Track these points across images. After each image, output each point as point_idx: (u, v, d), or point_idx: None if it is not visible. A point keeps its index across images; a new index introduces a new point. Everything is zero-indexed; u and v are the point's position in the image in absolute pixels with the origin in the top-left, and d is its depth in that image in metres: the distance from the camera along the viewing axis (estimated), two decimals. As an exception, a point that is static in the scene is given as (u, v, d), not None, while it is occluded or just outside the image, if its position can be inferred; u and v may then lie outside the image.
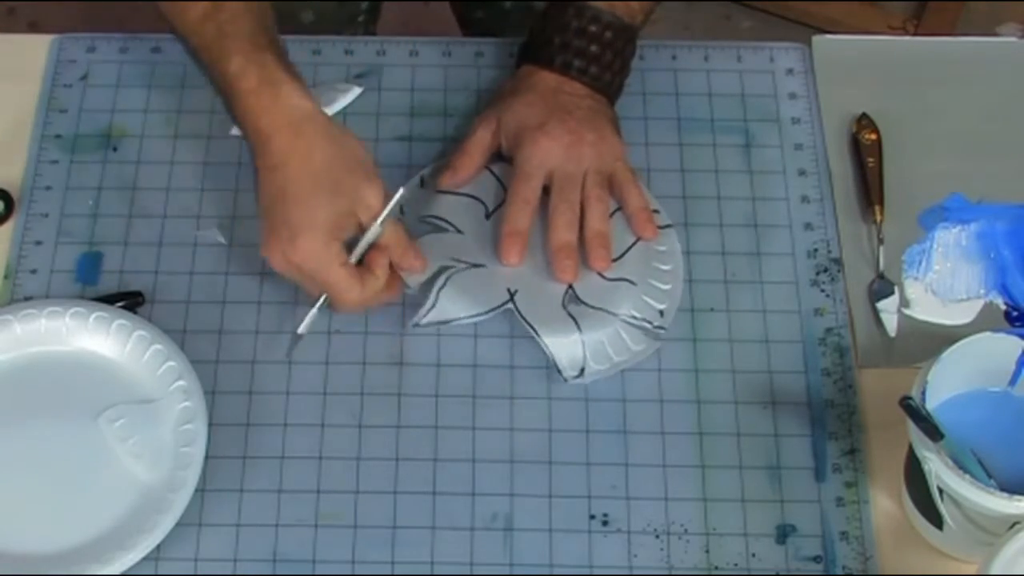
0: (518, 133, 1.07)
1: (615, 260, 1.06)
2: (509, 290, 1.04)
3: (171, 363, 1.00)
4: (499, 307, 1.03)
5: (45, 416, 1.00)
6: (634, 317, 1.04)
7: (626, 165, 1.08)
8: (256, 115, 0.98)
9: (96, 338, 1.02)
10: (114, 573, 0.93)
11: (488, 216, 1.08)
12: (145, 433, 0.98)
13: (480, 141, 1.09)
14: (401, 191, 1.01)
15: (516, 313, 1.03)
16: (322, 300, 1.01)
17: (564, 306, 1.04)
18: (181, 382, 0.99)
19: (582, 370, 1.02)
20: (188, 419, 0.98)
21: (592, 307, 1.04)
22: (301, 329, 1.01)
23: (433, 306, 1.02)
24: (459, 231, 1.07)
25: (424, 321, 1.02)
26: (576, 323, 1.03)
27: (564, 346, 1.02)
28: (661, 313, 1.05)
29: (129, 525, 0.95)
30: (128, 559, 0.93)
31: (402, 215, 1.08)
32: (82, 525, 0.95)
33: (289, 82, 0.99)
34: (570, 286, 1.04)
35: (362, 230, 1.00)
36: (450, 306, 1.03)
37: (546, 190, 1.06)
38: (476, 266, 1.05)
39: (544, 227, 1.06)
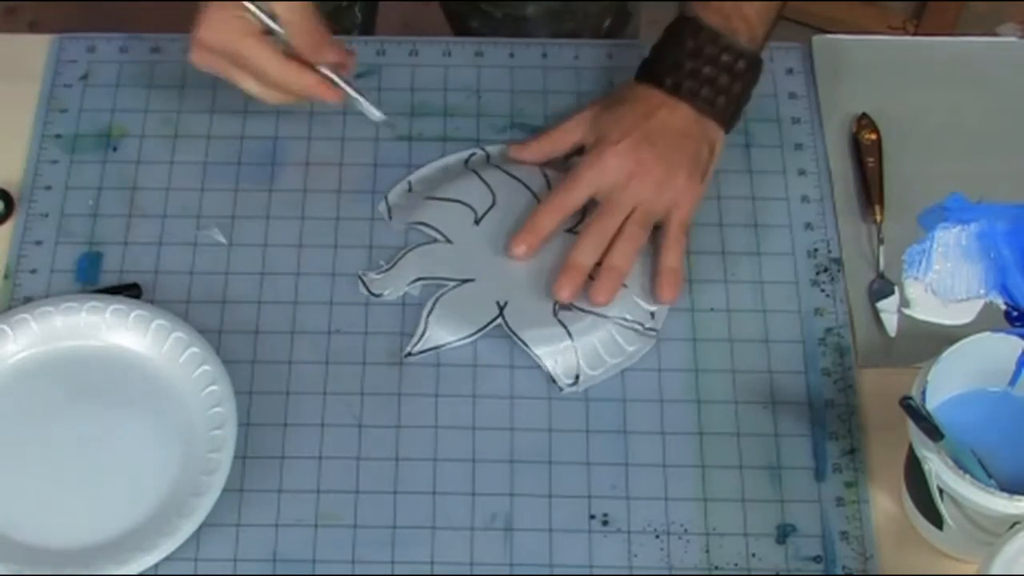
0: (597, 140, 1.05)
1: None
2: (499, 303, 1.04)
3: (206, 367, 1.00)
4: (488, 325, 1.03)
5: (69, 413, 1.00)
6: (625, 319, 1.04)
7: (683, 218, 1.04)
8: None
9: (120, 333, 1.02)
10: (127, 574, 0.93)
11: (477, 222, 1.08)
12: (173, 436, 0.98)
13: (566, 133, 1.09)
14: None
15: (507, 328, 1.03)
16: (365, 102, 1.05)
17: (555, 313, 1.04)
18: (213, 387, 0.99)
19: (576, 377, 1.02)
20: (218, 424, 0.98)
21: (583, 311, 1.04)
22: (376, 115, 1.06)
23: (424, 333, 1.03)
24: (448, 240, 1.07)
25: (416, 350, 1.03)
26: (567, 330, 1.03)
27: (556, 355, 1.02)
28: (652, 315, 1.05)
29: (149, 527, 0.95)
30: (147, 560, 0.93)
31: (389, 217, 1.08)
32: (104, 524, 0.95)
33: None
34: None
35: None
36: (440, 331, 1.03)
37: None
38: (466, 281, 1.05)
39: (556, 242, 1.06)
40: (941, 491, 0.90)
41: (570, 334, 1.03)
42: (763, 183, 1.12)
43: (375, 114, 1.07)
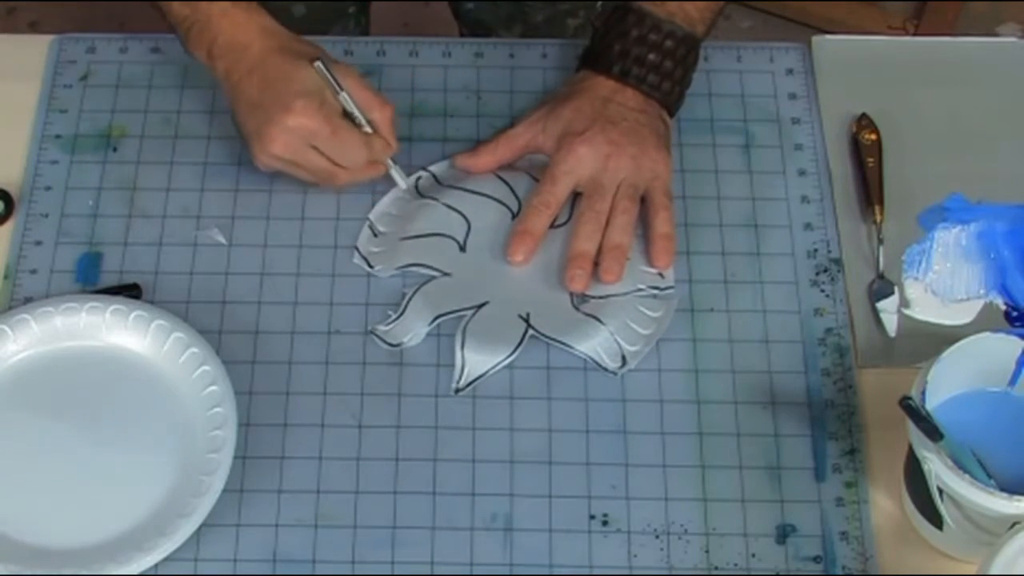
0: (560, 137, 1.08)
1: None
2: (521, 316, 1.04)
3: (206, 367, 1.00)
4: (523, 340, 1.03)
5: (69, 414, 1.00)
6: (640, 289, 1.05)
7: (664, 186, 1.07)
8: (232, 31, 1.05)
9: (120, 333, 1.02)
10: (127, 574, 0.93)
11: (463, 249, 1.07)
12: (173, 436, 0.98)
13: (514, 137, 1.11)
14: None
15: (541, 337, 1.03)
16: (395, 171, 1.09)
17: (577, 308, 1.04)
18: (213, 387, 0.99)
19: (623, 358, 1.02)
20: (218, 424, 0.98)
21: (599, 298, 1.04)
22: (403, 184, 1.10)
23: (464, 366, 1.02)
24: (445, 273, 1.06)
25: (463, 383, 1.02)
26: (597, 319, 1.03)
27: (597, 345, 1.03)
28: (662, 276, 1.06)
29: (149, 527, 0.95)
30: (147, 560, 0.93)
31: (369, 266, 1.07)
32: (105, 524, 0.95)
33: (256, 6, 1.06)
34: None
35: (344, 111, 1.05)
36: (479, 358, 1.03)
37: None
38: (481, 306, 1.05)
39: (550, 240, 1.07)
40: (941, 491, 0.90)
41: (601, 321, 1.03)
42: (763, 183, 1.12)
43: (402, 184, 1.10)
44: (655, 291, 1.05)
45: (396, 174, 1.09)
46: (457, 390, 1.02)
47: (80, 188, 1.11)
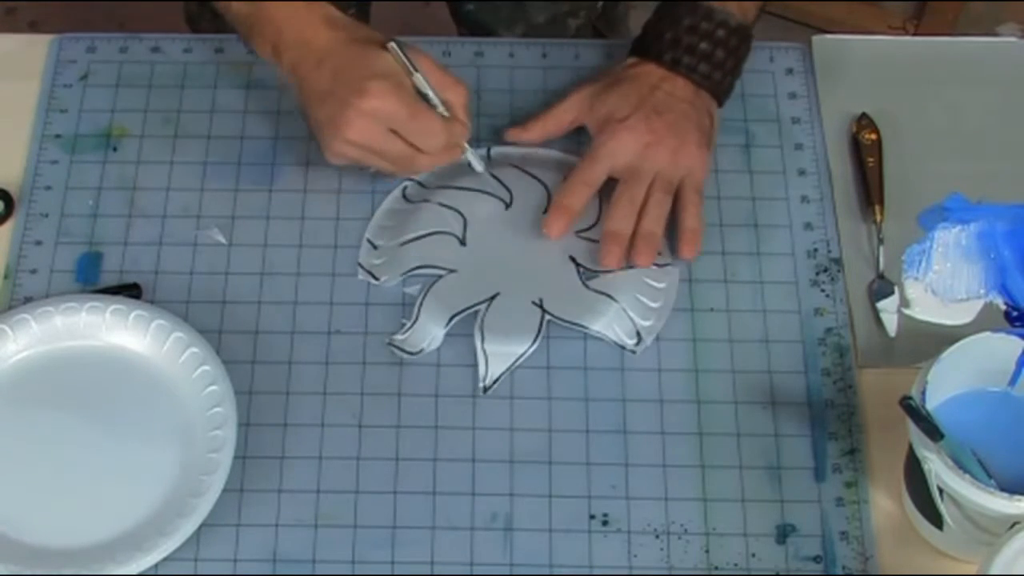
0: (605, 120, 1.08)
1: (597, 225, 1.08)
2: (535, 302, 1.04)
3: (206, 367, 1.00)
4: (542, 327, 1.03)
5: (69, 413, 1.00)
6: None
7: (696, 183, 1.07)
8: (298, 25, 1.04)
9: (120, 333, 1.02)
10: (127, 574, 0.93)
11: (463, 243, 1.07)
12: (173, 436, 0.99)
13: (563, 112, 1.11)
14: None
15: (558, 321, 1.03)
16: (471, 154, 1.08)
17: (586, 285, 1.05)
18: (213, 387, 0.99)
19: (638, 335, 1.03)
20: (218, 424, 0.98)
21: (607, 271, 1.05)
22: (479, 167, 1.09)
23: (487, 362, 1.02)
24: (451, 270, 1.06)
25: (490, 382, 1.02)
26: (609, 296, 1.04)
27: (612, 323, 1.03)
28: (659, 253, 1.06)
29: (149, 527, 0.95)
30: (147, 560, 0.93)
31: (375, 279, 1.07)
32: (104, 524, 0.95)
33: None
34: (577, 264, 1.05)
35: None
36: (501, 350, 1.03)
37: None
38: (493, 298, 1.05)
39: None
40: (941, 491, 0.90)
41: (612, 297, 1.04)
42: (763, 183, 1.12)
43: (478, 167, 1.09)
44: (654, 266, 1.06)
45: (472, 157, 1.08)
46: (485, 389, 1.02)
47: (80, 188, 1.11)
